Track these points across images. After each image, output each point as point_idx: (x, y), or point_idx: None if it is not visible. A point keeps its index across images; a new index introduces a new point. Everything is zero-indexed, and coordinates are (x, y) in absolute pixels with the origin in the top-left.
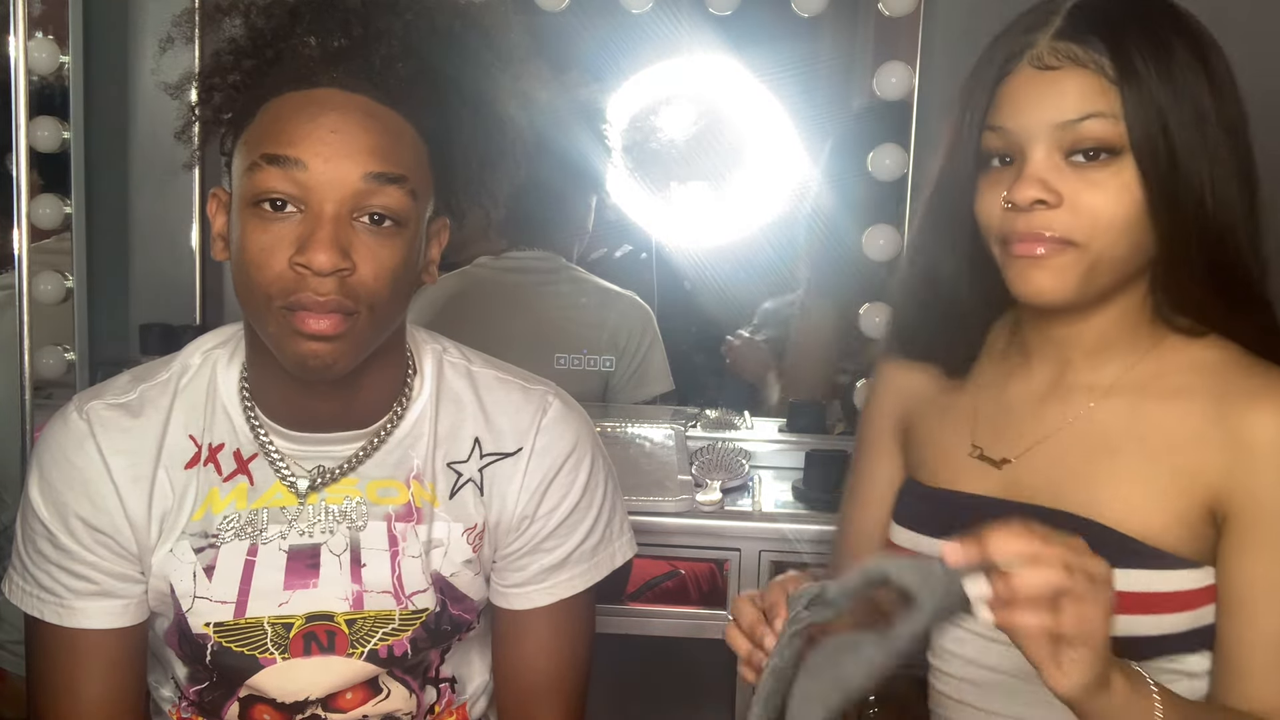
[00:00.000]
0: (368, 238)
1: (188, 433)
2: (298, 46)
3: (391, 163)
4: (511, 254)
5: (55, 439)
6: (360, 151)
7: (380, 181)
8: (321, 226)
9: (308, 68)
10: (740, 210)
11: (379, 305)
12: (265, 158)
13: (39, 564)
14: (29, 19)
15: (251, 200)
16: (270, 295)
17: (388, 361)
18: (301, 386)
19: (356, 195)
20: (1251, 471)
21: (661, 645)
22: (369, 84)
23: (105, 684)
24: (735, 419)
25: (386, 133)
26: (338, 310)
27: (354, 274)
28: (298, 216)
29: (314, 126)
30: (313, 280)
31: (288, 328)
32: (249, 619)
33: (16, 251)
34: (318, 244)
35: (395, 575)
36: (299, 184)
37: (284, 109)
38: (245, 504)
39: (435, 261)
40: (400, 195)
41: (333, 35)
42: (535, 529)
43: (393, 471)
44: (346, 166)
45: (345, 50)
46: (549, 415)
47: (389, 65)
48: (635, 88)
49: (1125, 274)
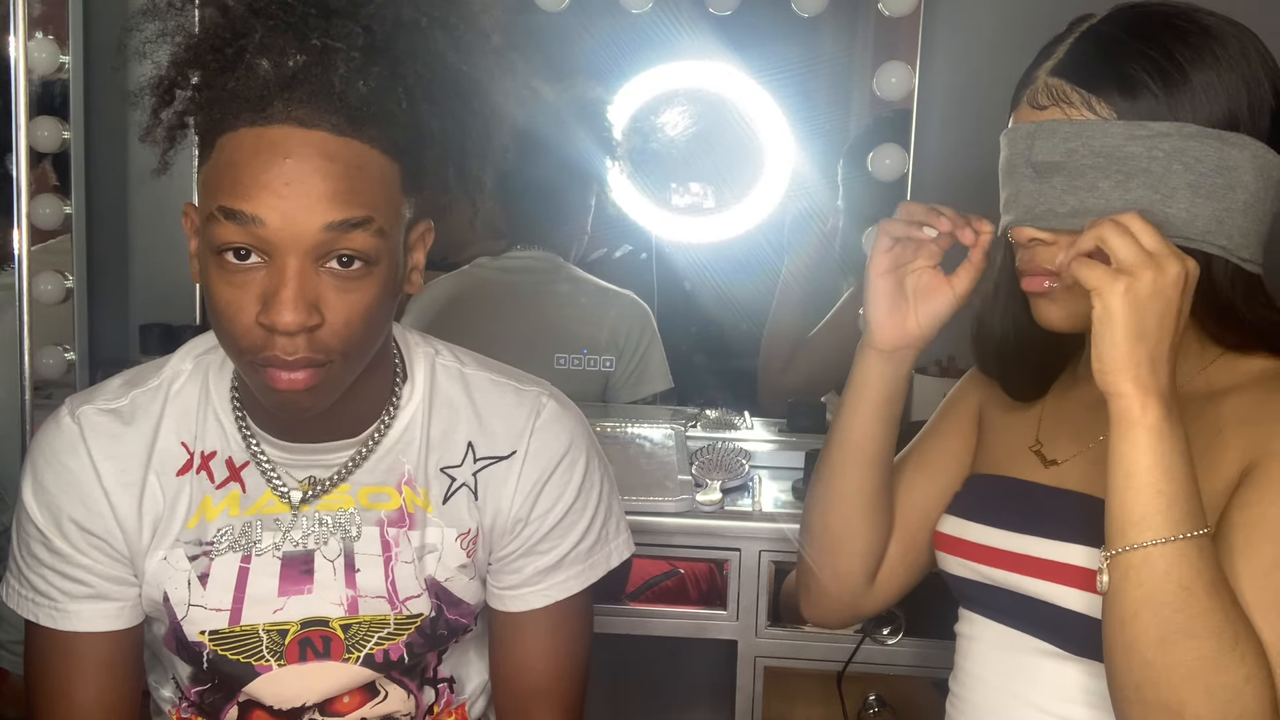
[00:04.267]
0: (336, 284)
1: (179, 439)
2: (253, 64)
3: (354, 206)
4: (511, 254)
5: (48, 442)
6: (319, 201)
7: (343, 229)
8: (285, 284)
9: (261, 95)
10: (740, 210)
11: (352, 350)
12: (222, 211)
13: (33, 567)
14: (29, 19)
15: (215, 250)
16: (241, 349)
17: (375, 374)
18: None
19: (319, 245)
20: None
21: (661, 645)
22: (328, 110)
23: (100, 687)
24: (735, 419)
25: (347, 173)
26: (308, 365)
27: (323, 326)
28: (262, 268)
29: (268, 179)
30: (280, 340)
31: (261, 381)
32: (244, 626)
33: (16, 251)
34: (282, 304)
35: (389, 581)
36: (258, 238)
37: (238, 153)
38: (238, 511)
39: (419, 268)
40: (366, 237)
41: (288, 52)
42: (530, 531)
43: (384, 477)
44: (304, 219)
45: (301, 71)
46: (543, 417)
47: (349, 84)
48: (635, 88)
49: None
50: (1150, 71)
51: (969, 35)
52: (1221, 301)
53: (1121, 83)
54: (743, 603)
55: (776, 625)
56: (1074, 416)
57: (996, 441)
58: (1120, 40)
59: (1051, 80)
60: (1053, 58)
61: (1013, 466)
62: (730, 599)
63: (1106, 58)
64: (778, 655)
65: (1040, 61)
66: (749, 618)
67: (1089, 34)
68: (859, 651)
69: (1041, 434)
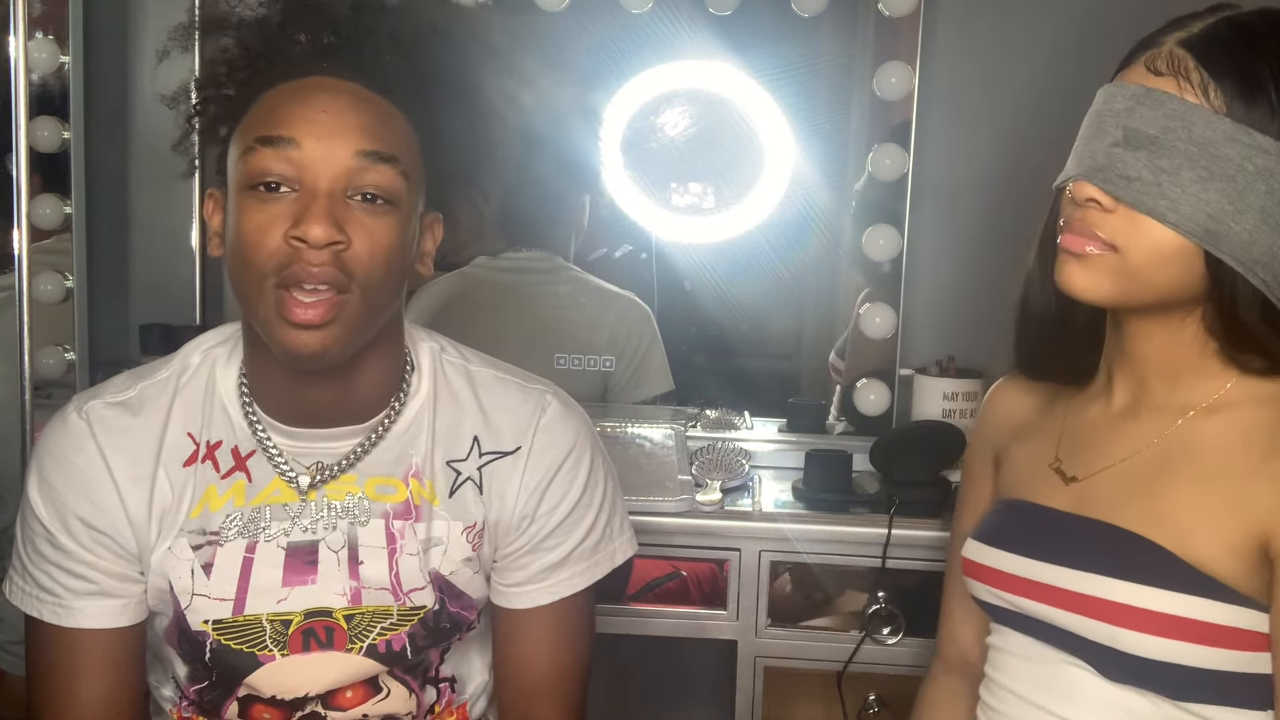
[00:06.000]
0: (362, 215)
1: (186, 430)
2: (288, 46)
3: (383, 142)
4: (509, 254)
5: (55, 439)
6: (351, 129)
7: (372, 160)
8: (316, 201)
9: (298, 62)
10: (740, 210)
11: (372, 286)
12: (259, 140)
13: (38, 564)
14: (29, 19)
15: (248, 184)
16: (265, 273)
17: (384, 354)
18: (298, 378)
19: (350, 172)
20: None
21: (662, 645)
22: (358, 73)
23: (104, 684)
24: (735, 419)
25: (376, 114)
26: (331, 284)
27: (348, 249)
28: (292, 196)
29: (305, 108)
30: (307, 253)
31: (278, 314)
32: (248, 616)
33: (16, 251)
34: (312, 217)
35: (393, 573)
36: (293, 163)
37: (276, 97)
38: (244, 501)
39: (430, 254)
40: (393, 174)
41: (321, 33)
42: (535, 528)
43: (391, 469)
44: (338, 144)
45: (334, 46)
46: (548, 415)
47: (377, 58)
48: (635, 88)
49: (1171, 296)
50: (1278, 79)
51: (969, 35)
52: (1249, 331)
53: (1244, 79)
54: (743, 603)
55: (776, 625)
56: (1094, 432)
57: (1018, 465)
58: (1262, 36)
59: (1178, 51)
60: (1186, 29)
61: (1035, 490)
62: (730, 599)
63: (1241, 48)
64: (778, 655)
65: (1171, 30)
66: (749, 618)
67: (1232, 20)
68: (859, 651)
69: (1061, 450)
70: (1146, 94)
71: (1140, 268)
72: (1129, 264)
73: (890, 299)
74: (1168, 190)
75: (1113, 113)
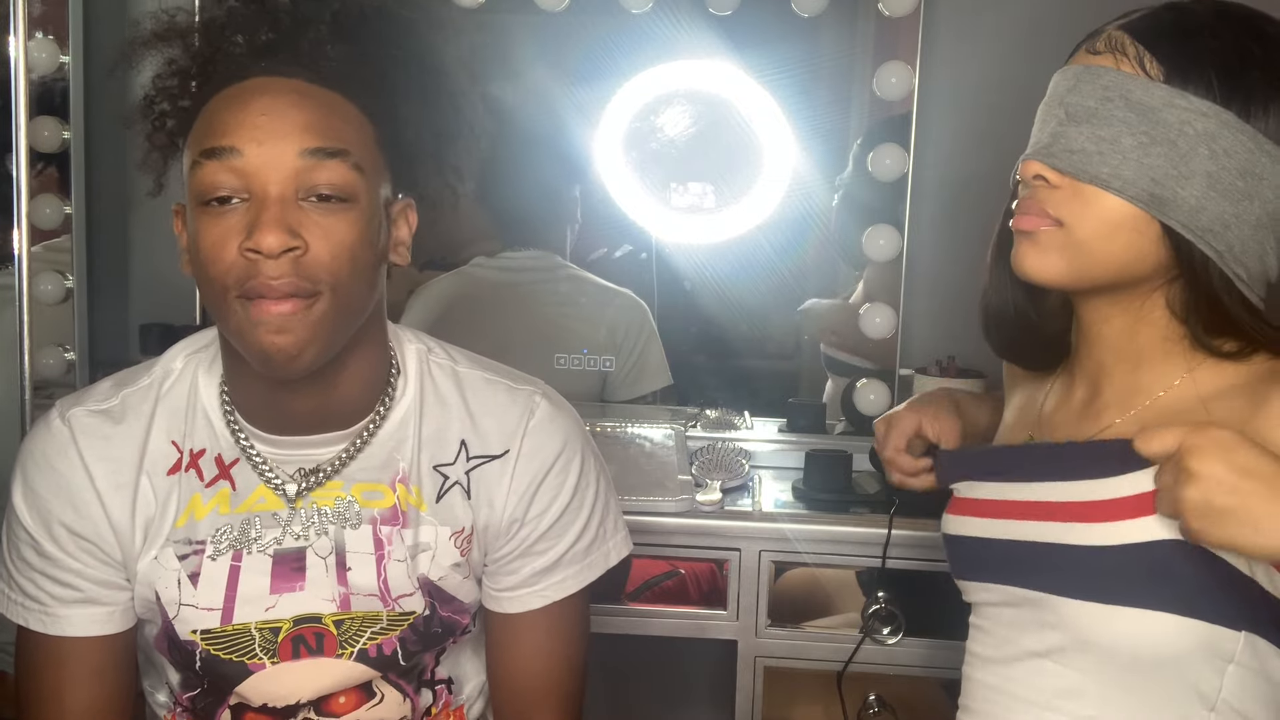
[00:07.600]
0: (318, 216)
1: (170, 439)
2: (228, 48)
3: (329, 137)
4: (507, 254)
5: (39, 445)
6: (294, 129)
7: (319, 157)
8: (266, 209)
9: (239, 64)
10: (740, 210)
11: (340, 286)
12: (203, 153)
13: (23, 571)
14: (29, 19)
15: (200, 200)
16: (226, 286)
17: (367, 358)
18: (278, 386)
19: (298, 174)
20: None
21: (661, 645)
22: (298, 67)
23: (91, 691)
24: (735, 419)
25: (320, 109)
26: (295, 294)
27: (307, 253)
28: (244, 206)
29: (244, 113)
30: (264, 264)
31: (246, 320)
32: (236, 625)
33: (16, 251)
34: (264, 226)
35: (381, 579)
36: (238, 172)
37: (216, 105)
38: (229, 509)
39: (404, 243)
40: (344, 169)
41: (259, 32)
42: (525, 532)
43: (378, 474)
44: (281, 146)
45: (271, 43)
46: (536, 417)
47: (318, 49)
48: (635, 88)
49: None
50: (1214, 51)
51: (969, 35)
52: (1220, 313)
53: (1180, 50)
54: (743, 603)
55: (776, 625)
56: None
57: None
58: (1199, 16)
59: (1115, 33)
60: (1127, 18)
61: None
62: (730, 599)
63: (1177, 26)
64: (778, 655)
65: (1113, 20)
66: (749, 618)
67: (1171, 6)
68: (859, 651)
69: (1039, 428)
70: (1085, 70)
71: (1088, 240)
72: (1076, 237)
73: (890, 299)
74: (1109, 158)
75: (1056, 95)
